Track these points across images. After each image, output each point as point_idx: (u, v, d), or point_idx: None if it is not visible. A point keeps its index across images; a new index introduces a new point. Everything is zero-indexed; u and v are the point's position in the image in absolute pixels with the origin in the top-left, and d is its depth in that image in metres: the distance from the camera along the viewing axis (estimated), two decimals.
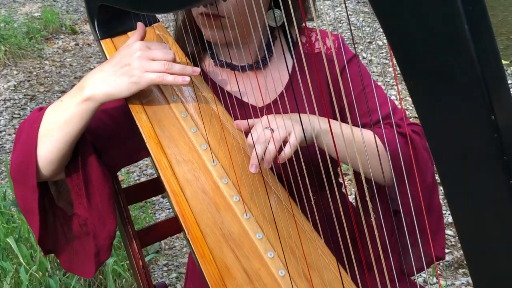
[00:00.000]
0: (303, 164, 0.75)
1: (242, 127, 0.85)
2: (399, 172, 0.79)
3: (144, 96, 0.86)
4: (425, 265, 0.88)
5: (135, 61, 0.79)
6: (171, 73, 0.80)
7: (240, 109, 0.88)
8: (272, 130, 0.78)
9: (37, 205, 0.84)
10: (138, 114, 0.84)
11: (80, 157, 0.84)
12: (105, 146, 0.89)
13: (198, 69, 0.83)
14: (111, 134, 0.89)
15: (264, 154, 0.78)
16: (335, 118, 0.91)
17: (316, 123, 0.82)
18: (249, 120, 0.84)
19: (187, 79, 0.80)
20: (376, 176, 0.86)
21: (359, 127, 0.73)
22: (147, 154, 0.86)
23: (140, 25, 0.87)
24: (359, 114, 0.89)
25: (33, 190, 0.83)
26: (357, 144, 0.83)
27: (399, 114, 0.96)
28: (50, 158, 0.82)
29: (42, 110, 0.85)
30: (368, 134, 0.87)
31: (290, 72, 0.94)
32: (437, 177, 2.30)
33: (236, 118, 0.87)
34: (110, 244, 0.89)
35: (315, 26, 1.04)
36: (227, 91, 0.91)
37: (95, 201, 0.86)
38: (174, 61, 0.82)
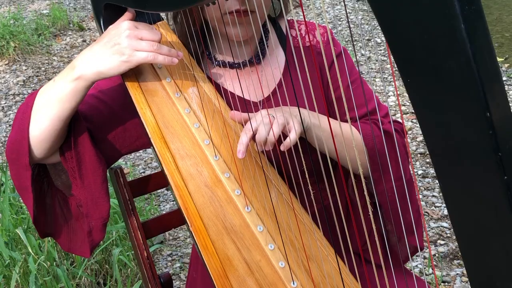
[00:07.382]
0: (302, 158, 0.77)
1: (236, 118, 0.85)
2: (381, 166, 0.81)
3: (148, 92, 0.87)
4: (409, 255, 0.91)
5: (125, 40, 0.79)
6: (160, 54, 0.80)
7: (242, 107, 0.89)
8: (273, 117, 0.79)
9: (30, 183, 0.85)
10: (143, 110, 0.86)
11: (73, 137, 0.85)
12: (101, 134, 0.90)
13: (181, 53, 0.84)
14: (107, 122, 0.90)
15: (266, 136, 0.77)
16: (329, 109, 0.93)
17: (307, 117, 0.83)
18: (249, 114, 0.84)
19: (176, 60, 0.81)
20: (358, 169, 0.88)
21: (346, 121, 0.75)
22: (147, 144, 0.87)
23: (129, 9, 0.87)
24: (347, 108, 0.91)
25: (25, 167, 0.84)
26: (346, 140, 0.84)
27: (383, 110, 0.98)
28: (41, 136, 0.82)
29: (37, 91, 0.85)
30: (355, 130, 0.88)
31: (284, 64, 0.94)
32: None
33: None
34: (103, 225, 0.90)
35: (310, 19, 1.05)
36: (230, 91, 0.92)
37: (88, 181, 0.86)
38: (160, 42, 0.82)
